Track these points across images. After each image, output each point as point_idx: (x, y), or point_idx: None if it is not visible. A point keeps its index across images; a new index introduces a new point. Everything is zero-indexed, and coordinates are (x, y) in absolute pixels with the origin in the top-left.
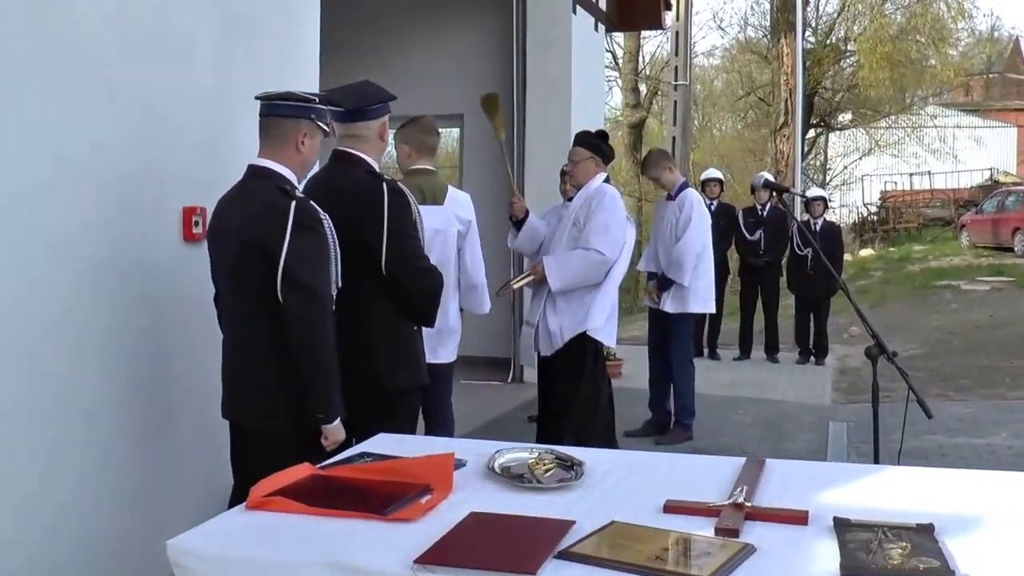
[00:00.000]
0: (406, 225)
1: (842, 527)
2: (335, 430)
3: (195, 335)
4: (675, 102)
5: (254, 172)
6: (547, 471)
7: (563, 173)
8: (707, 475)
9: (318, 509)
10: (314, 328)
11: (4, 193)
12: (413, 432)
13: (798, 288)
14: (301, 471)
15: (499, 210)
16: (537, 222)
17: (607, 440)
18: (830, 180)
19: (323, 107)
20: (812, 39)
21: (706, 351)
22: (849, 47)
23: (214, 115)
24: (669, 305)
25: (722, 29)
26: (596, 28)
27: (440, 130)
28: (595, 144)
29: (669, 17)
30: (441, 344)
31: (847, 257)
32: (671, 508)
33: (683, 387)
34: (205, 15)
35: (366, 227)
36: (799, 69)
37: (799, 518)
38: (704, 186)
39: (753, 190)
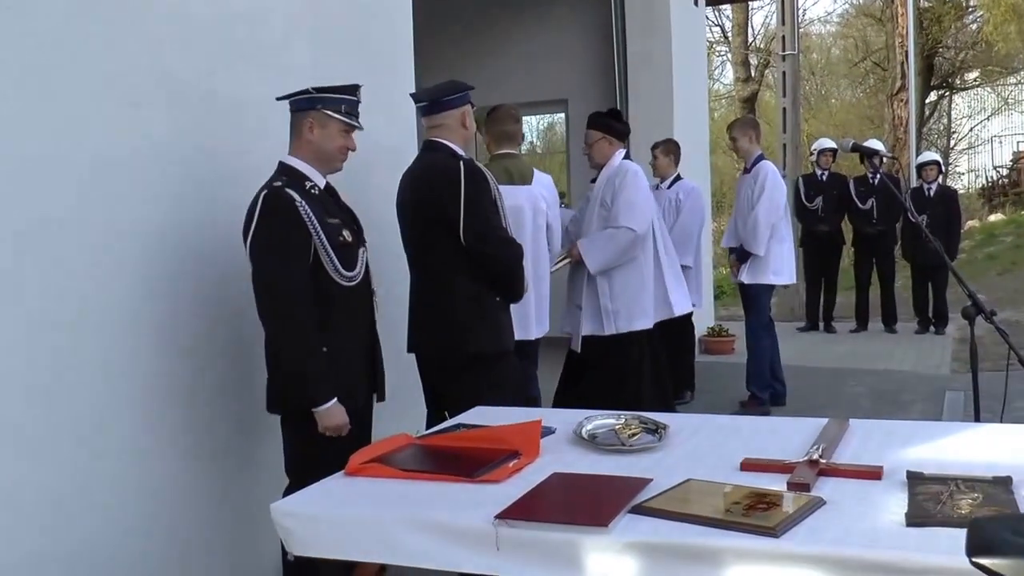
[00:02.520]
0: (483, 200)
1: (915, 480)
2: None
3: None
4: (783, 73)
5: (277, 168)
6: (633, 435)
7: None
8: (788, 436)
9: (410, 473)
10: (271, 312)
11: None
12: (513, 399)
13: (914, 256)
14: (398, 440)
15: None
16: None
17: (664, 406)
18: (955, 144)
19: (334, 97)
20: None
21: (821, 324)
22: (971, 2)
23: None
24: (745, 276)
25: None
26: (696, 3)
27: (546, 115)
28: (606, 124)
29: None
30: (527, 318)
31: (975, 223)
32: (747, 466)
33: (756, 358)
34: (299, 20)
35: (447, 202)
36: (911, 29)
37: (873, 473)
38: (818, 157)
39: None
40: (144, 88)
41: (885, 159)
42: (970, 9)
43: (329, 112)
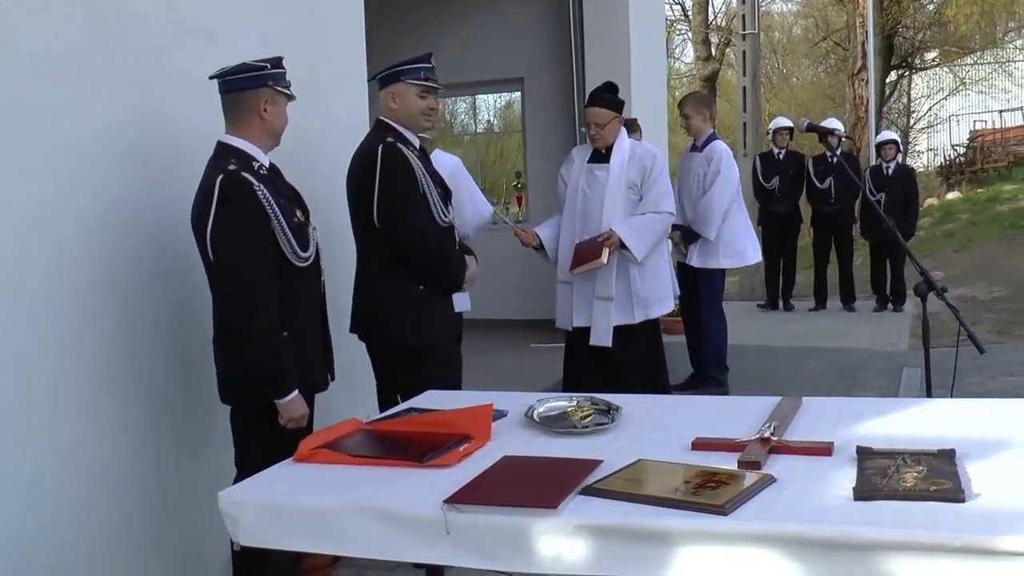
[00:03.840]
0: (399, 186)
1: (864, 455)
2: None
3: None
4: (743, 52)
5: (216, 150)
6: (585, 417)
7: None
8: (741, 414)
9: (360, 459)
10: (234, 302)
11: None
12: (453, 386)
13: (872, 235)
14: (348, 425)
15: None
16: (551, 231)
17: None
18: (914, 123)
19: (280, 71)
20: None
21: (780, 303)
22: None
23: None
24: (696, 259)
25: None
26: None
27: (503, 94)
28: (616, 101)
29: None
30: None
31: (933, 201)
32: (699, 445)
33: (714, 341)
34: None
35: (366, 188)
36: (870, 9)
37: (824, 450)
38: (774, 136)
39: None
40: (91, 63)
41: (843, 139)
42: None
43: (279, 88)
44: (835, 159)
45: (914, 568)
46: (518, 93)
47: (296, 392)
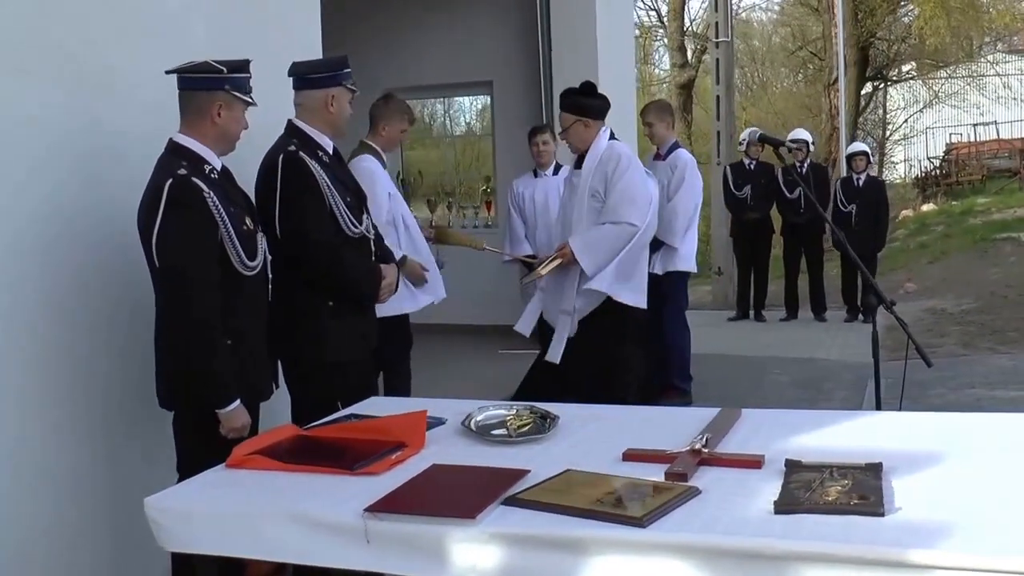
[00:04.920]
0: (301, 197)
1: (792, 468)
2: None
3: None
4: (717, 60)
5: (168, 148)
6: (523, 426)
7: (532, 136)
8: (679, 426)
9: (291, 465)
10: (177, 309)
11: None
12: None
13: (843, 245)
14: (285, 431)
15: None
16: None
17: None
18: (890, 135)
19: (241, 76)
20: None
21: (752, 313)
22: None
23: None
24: (658, 266)
25: None
26: None
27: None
28: (579, 104)
29: None
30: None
31: (909, 213)
32: (629, 456)
33: (678, 350)
34: None
35: (269, 197)
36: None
37: (754, 462)
38: (747, 147)
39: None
40: (32, 60)
41: (812, 147)
42: (902, 3)
43: (237, 93)
44: (804, 169)
45: None
46: (487, 97)
47: (238, 402)
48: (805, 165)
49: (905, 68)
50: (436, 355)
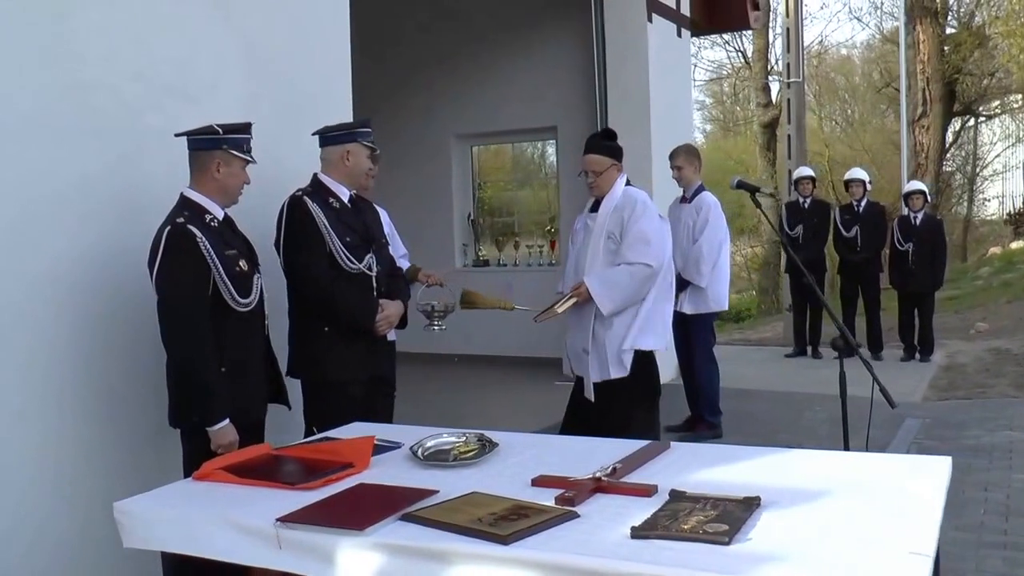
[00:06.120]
0: (299, 235)
1: (675, 498)
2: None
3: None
4: (788, 100)
5: (178, 200)
6: (468, 451)
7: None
8: (609, 456)
9: (246, 480)
10: (170, 338)
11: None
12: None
13: (900, 284)
14: (258, 450)
15: None
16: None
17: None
18: (980, 170)
19: (237, 136)
20: (954, 23)
21: (809, 350)
22: (991, 30)
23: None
24: (687, 306)
25: (859, 20)
26: (679, 34)
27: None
28: (613, 148)
29: (755, 16)
30: None
31: (996, 250)
32: (538, 482)
33: (707, 385)
34: (228, 62)
35: (277, 237)
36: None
37: (645, 491)
38: (797, 184)
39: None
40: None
41: (869, 186)
42: (990, 38)
43: (234, 152)
44: (861, 208)
45: None
46: (553, 142)
47: (227, 421)
48: (862, 204)
49: (996, 104)
50: (490, 384)
